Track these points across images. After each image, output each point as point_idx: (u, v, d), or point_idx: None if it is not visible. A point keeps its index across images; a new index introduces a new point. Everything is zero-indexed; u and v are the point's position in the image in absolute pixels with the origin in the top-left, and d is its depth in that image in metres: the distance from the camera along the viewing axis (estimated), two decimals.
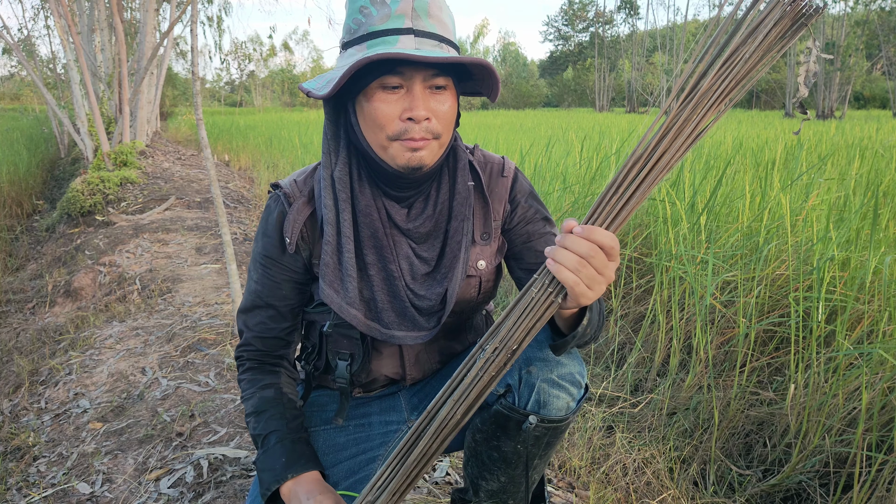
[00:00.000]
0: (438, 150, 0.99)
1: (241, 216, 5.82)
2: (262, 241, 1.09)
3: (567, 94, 61.28)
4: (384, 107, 0.93)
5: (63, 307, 3.71)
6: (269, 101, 66.14)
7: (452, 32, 0.97)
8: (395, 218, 1.05)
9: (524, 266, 1.14)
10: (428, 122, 0.94)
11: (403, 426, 1.21)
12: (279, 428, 1.07)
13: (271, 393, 1.11)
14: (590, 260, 0.75)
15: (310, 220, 1.07)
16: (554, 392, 1.00)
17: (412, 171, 0.98)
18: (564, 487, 1.79)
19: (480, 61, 0.90)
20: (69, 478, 1.81)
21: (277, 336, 1.13)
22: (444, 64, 0.93)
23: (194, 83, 2.67)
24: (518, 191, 1.14)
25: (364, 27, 0.92)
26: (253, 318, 1.12)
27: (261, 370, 1.14)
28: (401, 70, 0.91)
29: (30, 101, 28.00)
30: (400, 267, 1.06)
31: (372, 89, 0.93)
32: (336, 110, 1.03)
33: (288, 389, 1.14)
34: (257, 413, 1.09)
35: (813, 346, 2.01)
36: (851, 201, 3.05)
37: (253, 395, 1.11)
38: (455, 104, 0.99)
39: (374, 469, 1.12)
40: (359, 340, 1.11)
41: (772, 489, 1.86)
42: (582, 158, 5.24)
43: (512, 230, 1.14)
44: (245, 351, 1.14)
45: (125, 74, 7.61)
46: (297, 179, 1.09)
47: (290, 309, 1.12)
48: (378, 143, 0.96)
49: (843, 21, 33.96)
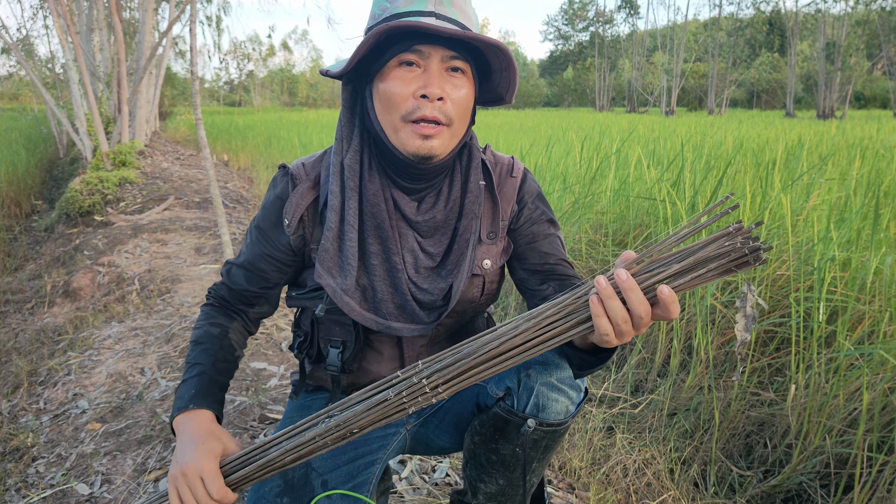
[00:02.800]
0: (450, 140, 0.98)
1: (240, 216, 5.82)
2: (261, 212, 1.12)
3: (567, 94, 61.29)
4: (399, 84, 0.94)
5: (62, 307, 3.71)
6: (269, 100, 66.12)
7: (475, 26, 0.98)
8: (404, 209, 1.04)
9: (526, 266, 1.14)
10: (442, 102, 0.93)
11: (402, 429, 1.20)
12: (204, 362, 1.09)
13: (216, 331, 1.13)
14: (637, 321, 0.72)
15: (312, 205, 1.07)
16: (553, 396, 0.99)
17: (422, 160, 0.97)
18: (564, 488, 1.78)
19: (497, 43, 0.90)
20: (68, 478, 1.81)
21: (243, 292, 1.16)
22: (462, 48, 0.94)
23: (193, 83, 2.67)
24: (526, 191, 1.14)
25: (388, 11, 0.94)
26: (235, 270, 1.16)
27: (219, 309, 1.17)
28: (419, 49, 0.92)
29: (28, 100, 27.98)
30: (404, 259, 1.05)
31: (389, 68, 0.94)
32: (353, 97, 1.03)
33: (234, 336, 1.16)
34: (195, 343, 1.12)
35: (814, 347, 2.00)
36: (852, 201, 3.05)
37: (201, 326, 1.14)
38: (471, 95, 0.99)
39: (373, 473, 1.11)
40: (351, 327, 1.11)
41: (772, 490, 1.85)
42: (582, 158, 5.24)
43: (517, 230, 1.13)
44: (215, 290, 1.19)
45: (124, 74, 7.60)
46: (306, 163, 1.10)
47: (263, 279, 1.14)
48: (391, 125, 0.96)
49: (843, 21, 33.95)
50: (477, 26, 0.99)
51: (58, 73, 13.75)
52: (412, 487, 1.69)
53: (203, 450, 0.94)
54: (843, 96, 34.66)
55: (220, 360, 1.11)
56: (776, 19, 45.58)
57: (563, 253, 1.14)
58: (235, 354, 1.16)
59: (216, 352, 1.11)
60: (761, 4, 43.19)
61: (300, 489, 1.07)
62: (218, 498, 0.91)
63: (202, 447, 0.94)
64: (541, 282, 1.12)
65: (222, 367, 1.11)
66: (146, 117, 10.42)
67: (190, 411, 1.02)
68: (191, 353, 1.11)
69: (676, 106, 47.37)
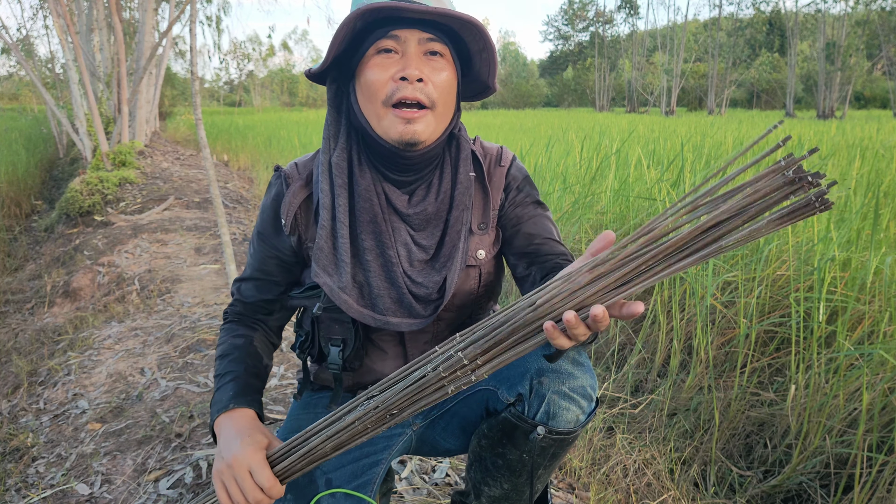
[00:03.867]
0: (435, 125, 0.99)
1: (240, 216, 5.82)
2: (260, 216, 1.13)
3: (567, 94, 61.29)
4: (378, 71, 0.95)
5: (62, 307, 3.71)
6: (268, 100, 66.14)
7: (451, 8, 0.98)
8: (395, 203, 1.05)
9: (514, 251, 1.13)
10: (423, 84, 0.94)
11: (408, 430, 1.20)
12: (236, 370, 1.09)
13: (241, 341, 1.14)
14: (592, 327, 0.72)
15: (305, 203, 1.08)
16: (564, 404, 0.99)
17: (407, 146, 0.97)
18: (565, 488, 1.78)
19: (472, 19, 0.92)
20: (68, 479, 1.81)
21: (258, 303, 1.17)
22: (439, 30, 0.96)
23: (193, 83, 2.67)
24: (512, 177, 1.14)
25: (364, 1, 0.94)
26: (245, 285, 1.17)
27: (239, 323, 1.18)
28: (395, 34, 0.94)
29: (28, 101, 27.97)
30: (398, 253, 1.05)
31: (367, 57, 0.96)
32: (338, 96, 1.04)
33: (259, 345, 1.16)
34: (222, 356, 1.12)
35: (814, 347, 2.00)
36: (852, 201, 3.05)
37: (225, 341, 1.15)
38: (454, 79, 1.00)
39: (377, 473, 1.11)
40: (350, 325, 1.11)
41: (772, 490, 1.85)
42: (582, 158, 5.24)
43: (503, 216, 1.14)
44: (230, 308, 1.19)
45: (124, 74, 7.60)
46: (299, 162, 1.11)
47: (275, 284, 1.15)
48: (374, 113, 0.97)
49: (843, 21, 33.95)
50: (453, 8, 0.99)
51: (58, 73, 13.75)
52: (412, 487, 1.69)
53: (248, 441, 0.94)
54: (843, 96, 34.65)
55: (251, 367, 1.11)
56: (776, 19, 45.59)
57: (549, 231, 1.12)
58: (264, 363, 1.15)
59: (244, 359, 1.11)
60: (761, 4, 43.21)
61: (304, 487, 1.07)
62: (268, 487, 0.91)
63: (247, 439, 0.94)
64: (527, 265, 1.11)
65: (254, 372, 1.11)
66: (146, 117, 10.42)
67: (231, 411, 1.02)
68: (219, 366, 1.11)
69: (676, 106, 47.35)
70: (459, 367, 0.78)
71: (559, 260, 1.08)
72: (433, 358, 0.81)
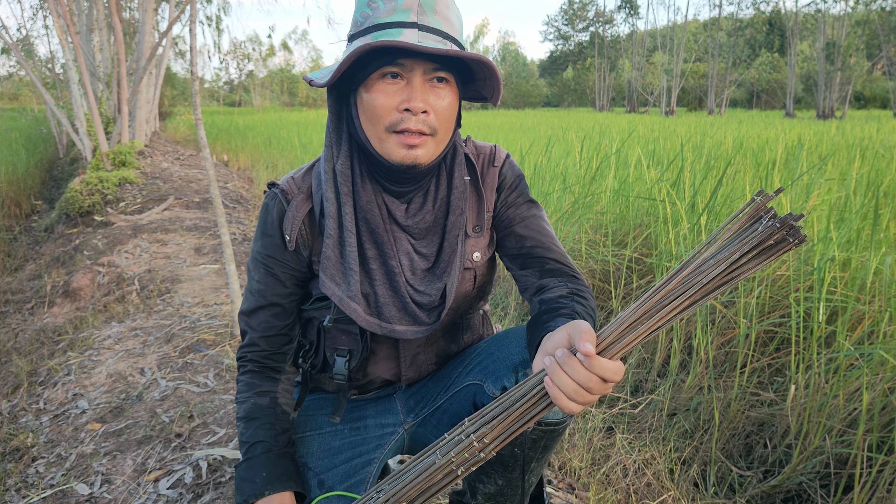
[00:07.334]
0: (435, 148, 0.99)
1: (240, 216, 5.82)
2: (262, 240, 1.09)
3: (567, 94, 61.28)
4: (382, 97, 0.94)
5: (62, 308, 3.71)
6: (268, 100, 66.11)
7: (459, 31, 0.97)
8: (394, 214, 1.05)
9: (507, 253, 1.13)
10: (425, 115, 0.94)
11: (399, 428, 1.20)
12: (267, 439, 1.07)
13: (266, 401, 1.10)
14: (588, 388, 0.73)
15: (308, 216, 1.07)
16: None
17: (408, 169, 0.98)
18: (564, 488, 1.78)
19: (481, 57, 0.91)
20: (68, 479, 1.81)
21: (281, 332, 1.12)
22: (445, 59, 0.94)
23: (193, 83, 2.67)
24: (504, 177, 1.14)
25: (370, 20, 0.93)
26: (256, 318, 1.11)
27: (260, 375, 1.13)
28: (401, 62, 0.92)
29: (28, 100, 27.98)
30: (400, 262, 1.05)
31: (372, 80, 0.94)
32: (339, 103, 1.03)
33: (283, 400, 1.13)
34: (248, 419, 1.09)
35: (813, 347, 2.00)
36: (852, 201, 3.05)
37: (247, 399, 1.11)
38: (455, 102, 0.99)
39: (370, 472, 1.11)
40: (358, 336, 1.11)
41: (772, 490, 1.85)
42: (582, 158, 5.23)
43: (497, 216, 1.14)
44: (248, 351, 1.13)
45: (124, 74, 7.60)
46: (295, 177, 1.09)
47: (294, 305, 1.12)
48: (376, 136, 0.97)
49: (843, 21, 33.94)
50: (461, 31, 0.99)
51: (58, 73, 13.73)
52: None
53: None
54: (842, 96, 34.64)
55: (281, 432, 1.09)
56: (776, 19, 45.58)
57: (542, 231, 1.12)
58: (290, 419, 1.13)
59: (273, 424, 1.09)
60: (761, 4, 43.21)
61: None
62: None
63: None
64: (521, 266, 1.11)
65: (283, 438, 1.09)
66: (146, 117, 10.42)
67: (267, 498, 1.01)
68: (245, 430, 1.08)
69: (676, 106, 47.36)
70: (468, 448, 0.79)
71: (551, 265, 1.09)
72: (441, 445, 0.82)
